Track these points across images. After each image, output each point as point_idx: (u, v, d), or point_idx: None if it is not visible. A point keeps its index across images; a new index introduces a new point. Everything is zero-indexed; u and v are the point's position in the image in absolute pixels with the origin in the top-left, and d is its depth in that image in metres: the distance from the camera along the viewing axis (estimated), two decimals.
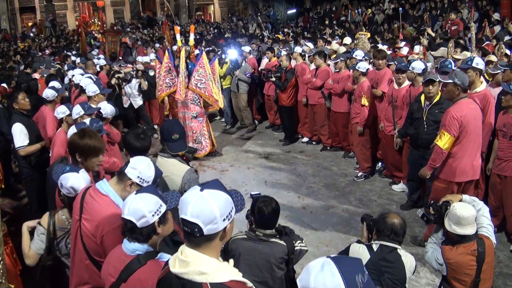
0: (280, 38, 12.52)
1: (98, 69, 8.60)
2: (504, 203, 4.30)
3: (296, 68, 7.69)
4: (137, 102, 8.46)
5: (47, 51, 15.36)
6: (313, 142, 7.76)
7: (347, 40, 9.23)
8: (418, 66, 5.17)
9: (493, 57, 5.95)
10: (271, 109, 8.66)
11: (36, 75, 8.32)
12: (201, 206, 1.53)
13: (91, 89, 5.03)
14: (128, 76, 8.29)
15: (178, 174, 3.08)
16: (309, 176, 6.38)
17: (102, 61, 9.23)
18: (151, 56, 9.85)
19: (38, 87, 7.00)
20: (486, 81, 5.02)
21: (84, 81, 5.62)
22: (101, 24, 24.52)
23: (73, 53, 12.49)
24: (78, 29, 16.42)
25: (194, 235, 1.55)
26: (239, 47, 9.45)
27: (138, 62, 9.06)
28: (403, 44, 8.45)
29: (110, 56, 11.06)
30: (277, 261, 2.65)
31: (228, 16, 25.90)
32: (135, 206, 1.93)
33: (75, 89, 6.26)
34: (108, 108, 4.56)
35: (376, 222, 2.78)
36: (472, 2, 13.03)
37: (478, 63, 4.60)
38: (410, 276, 2.71)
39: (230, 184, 5.93)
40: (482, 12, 12.90)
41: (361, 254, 2.68)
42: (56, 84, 5.77)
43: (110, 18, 25.67)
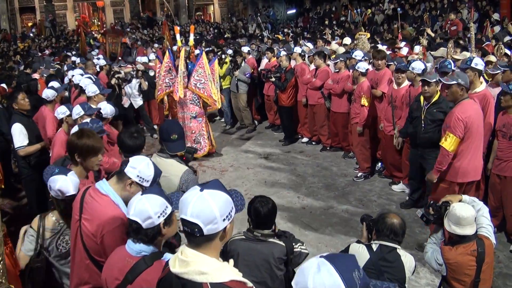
0: (280, 38, 12.51)
1: (98, 69, 8.60)
2: (504, 203, 4.31)
3: (296, 68, 7.68)
4: (137, 102, 8.45)
5: (47, 51, 15.33)
6: (313, 142, 7.76)
7: (347, 41, 9.23)
8: (418, 66, 5.24)
9: (493, 58, 5.97)
10: (271, 109, 8.65)
11: (36, 75, 8.31)
12: (201, 206, 1.53)
13: (91, 90, 5.03)
14: (128, 76, 8.29)
15: (176, 175, 3.07)
16: (309, 176, 6.38)
17: (102, 61, 9.22)
18: (151, 57, 9.84)
19: (38, 88, 6.99)
20: (486, 82, 5.03)
21: (84, 82, 5.62)
22: (101, 24, 24.55)
23: (73, 53, 12.48)
24: (78, 30, 16.42)
25: (194, 235, 1.55)
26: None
27: (138, 63, 9.06)
28: (403, 45, 8.46)
29: (110, 57, 11.05)
30: (276, 261, 2.65)
31: (228, 16, 25.90)
32: (141, 207, 1.92)
33: (75, 90, 6.27)
34: (108, 108, 4.57)
35: (376, 222, 2.79)
36: (472, 3, 13.02)
37: (477, 64, 4.60)
38: (410, 276, 2.72)
39: (230, 184, 5.93)
40: (482, 13, 12.90)
41: (361, 254, 2.69)
42: (56, 84, 5.78)
43: (110, 18, 25.68)
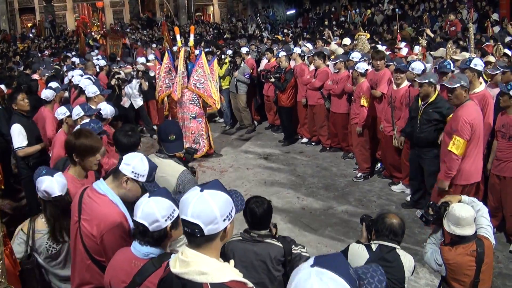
0: (279, 39, 12.50)
1: (98, 70, 8.60)
2: (503, 204, 4.31)
3: (296, 69, 7.69)
4: (138, 103, 8.46)
5: (47, 52, 15.32)
6: (313, 143, 7.76)
7: (346, 41, 9.23)
8: (418, 67, 5.27)
9: (492, 58, 5.98)
10: (271, 110, 8.65)
11: (36, 76, 8.32)
12: (202, 207, 1.53)
13: (91, 90, 5.02)
14: (128, 77, 8.29)
15: (173, 175, 3.06)
16: (309, 177, 6.38)
17: (102, 62, 9.23)
18: (150, 57, 9.84)
19: (38, 88, 7.00)
20: (485, 82, 5.03)
21: (84, 82, 5.62)
22: (101, 25, 24.53)
23: (73, 54, 12.47)
24: (78, 30, 16.42)
25: (195, 236, 1.55)
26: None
27: (138, 63, 9.06)
28: (403, 45, 8.46)
29: (109, 57, 11.05)
30: (273, 262, 2.63)
31: (228, 17, 25.90)
32: (148, 210, 1.90)
33: (75, 90, 6.26)
34: (108, 109, 4.56)
35: (375, 222, 2.79)
36: (471, 3, 13.01)
37: (476, 64, 4.61)
38: (409, 276, 2.72)
39: (230, 185, 5.93)
40: (482, 13, 12.90)
41: (360, 254, 2.69)
42: (54, 85, 5.79)
43: (110, 19, 25.68)
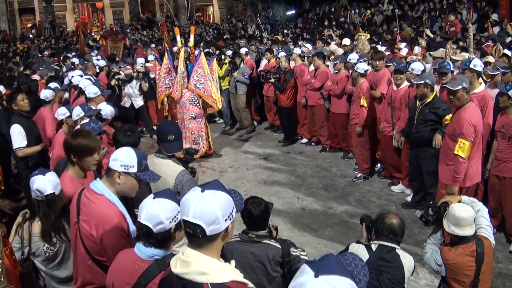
0: (279, 39, 12.51)
1: (98, 70, 8.59)
2: (503, 204, 4.32)
3: (295, 69, 7.69)
4: (138, 103, 8.47)
5: (46, 53, 15.31)
6: (312, 143, 7.76)
7: (346, 41, 9.24)
8: (417, 67, 5.30)
9: (491, 58, 5.98)
10: (271, 110, 8.65)
11: (36, 77, 8.32)
12: (203, 207, 1.53)
13: (92, 91, 5.01)
14: (128, 77, 8.29)
15: (172, 175, 3.07)
16: (308, 177, 6.38)
17: (102, 62, 9.22)
18: (149, 57, 9.83)
19: (38, 89, 7.00)
20: (485, 82, 5.03)
21: (83, 83, 5.62)
22: (100, 25, 24.53)
23: (73, 55, 12.46)
24: (78, 31, 16.42)
25: (197, 236, 1.55)
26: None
27: (137, 64, 9.04)
28: (404, 46, 8.46)
29: (109, 57, 11.03)
30: (271, 263, 2.62)
31: (227, 17, 25.90)
32: (153, 212, 1.90)
33: (74, 91, 6.27)
34: (108, 109, 4.56)
35: (375, 223, 2.79)
36: (471, 3, 13.02)
37: (476, 65, 4.60)
38: (409, 277, 2.72)
39: (230, 185, 5.93)
40: (481, 13, 12.91)
41: (360, 254, 2.68)
42: (53, 85, 5.79)
43: (109, 19, 25.67)
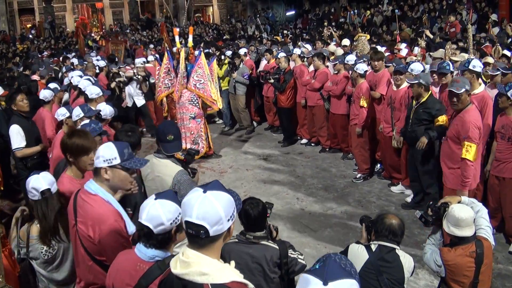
0: (279, 40, 12.52)
1: (97, 71, 8.59)
2: (503, 205, 4.32)
3: (295, 70, 7.69)
4: (140, 101, 8.48)
5: (46, 53, 15.31)
6: (312, 144, 7.76)
7: (346, 42, 9.25)
8: (417, 68, 5.34)
9: (490, 59, 5.98)
10: (270, 111, 8.66)
11: (35, 77, 8.32)
12: (206, 208, 1.52)
13: (94, 91, 5.00)
14: (128, 79, 8.29)
15: (169, 175, 3.07)
16: (308, 178, 6.38)
17: (101, 63, 9.21)
18: (149, 58, 9.82)
19: (38, 89, 7.00)
20: (484, 83, 5.03)
21: (83, 83, 5.61)
22: (100, 26, 24.53)
23: (73, 55, 12.46)
24: (77, 31, 16.43)
25: (199, 237, 1.54)
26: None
27: (137, 63, 9.03)
28: (404, 46, 8.46)
29: (108, 58, 11.03)
30: (269, 264, 2.61)
31: (227, 18, 25.91)
32: (154, 213, 1.89)
33: (74, 91, 6.26)
34: (107, 109, 4.56)
35: (375, 223, 2.79)
36: (471, 4, 13.03)
37: (475, 66, 4.59)
38: (409, 277, 2.72)
39: (229, 186, 5.92)
40: (481, 14, 12.92)
41: (360, 254, 2.69)
42: (53, 85, 5.78)
43: (109, 20, 25.67)
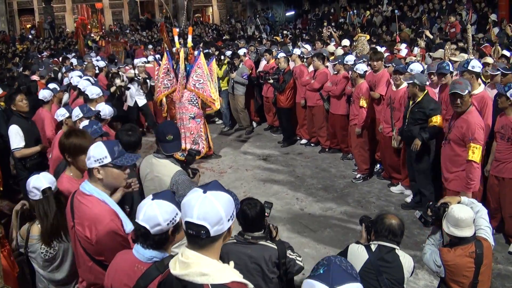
0: (279, 40, 12.52)
1: (97, 71, 8.59)
2: (502, 205, 4.32)
3: (295, 70, 7.68)
4: (141, 101, 8.48)
5: (46, 53, 15.31)
6: (312, 144, 7.76)
7: (346, 42, 9.24)
8: (416, 68, 5.35)
9: (489, 59, 5.98)
10: (270, 111, 8.65)
11: (35, 77, 8.32)
12: (207, 208, 1.52)
13: (95, 92, 5.00)
14: (129, 80, 8.29)
15: (168, 175, 3.08)
16: (308, 178, 6.38)
17: (101, 63, 9.21)
18: (149, 58, 9.82)
19: (38, 89, 6.99)
20: (484, 83, 5.03)
21: (83, 83, 5.61)
22: (100, 26, 24.53)
23: (73, 55, 12.46)
24: (77, 32, 16.45)
25: (200, 238, 1.54)
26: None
27: (136, 63, 9.04)
28: (403, 46, 8.46)
29: (108, 58, 11.03)
30: (268, 265, 2.61)
31: (227, 18, 25.91)
32: (151, 213, 1.89)
33: (74, 91, 6.26)
34: (107, 109, 4.56)
35: (374, 223, 2.79)
36: (470, 4, 13.04)
37: (474, 66, 4.59)
38: (408, 277, 2.72)
39: (229, 186, 5.93)
40: (481, 14, 12.93)
41: (360, 254, 2.69)
42: (52, 85, 5.78)
43: (109, 20, 25.67)
